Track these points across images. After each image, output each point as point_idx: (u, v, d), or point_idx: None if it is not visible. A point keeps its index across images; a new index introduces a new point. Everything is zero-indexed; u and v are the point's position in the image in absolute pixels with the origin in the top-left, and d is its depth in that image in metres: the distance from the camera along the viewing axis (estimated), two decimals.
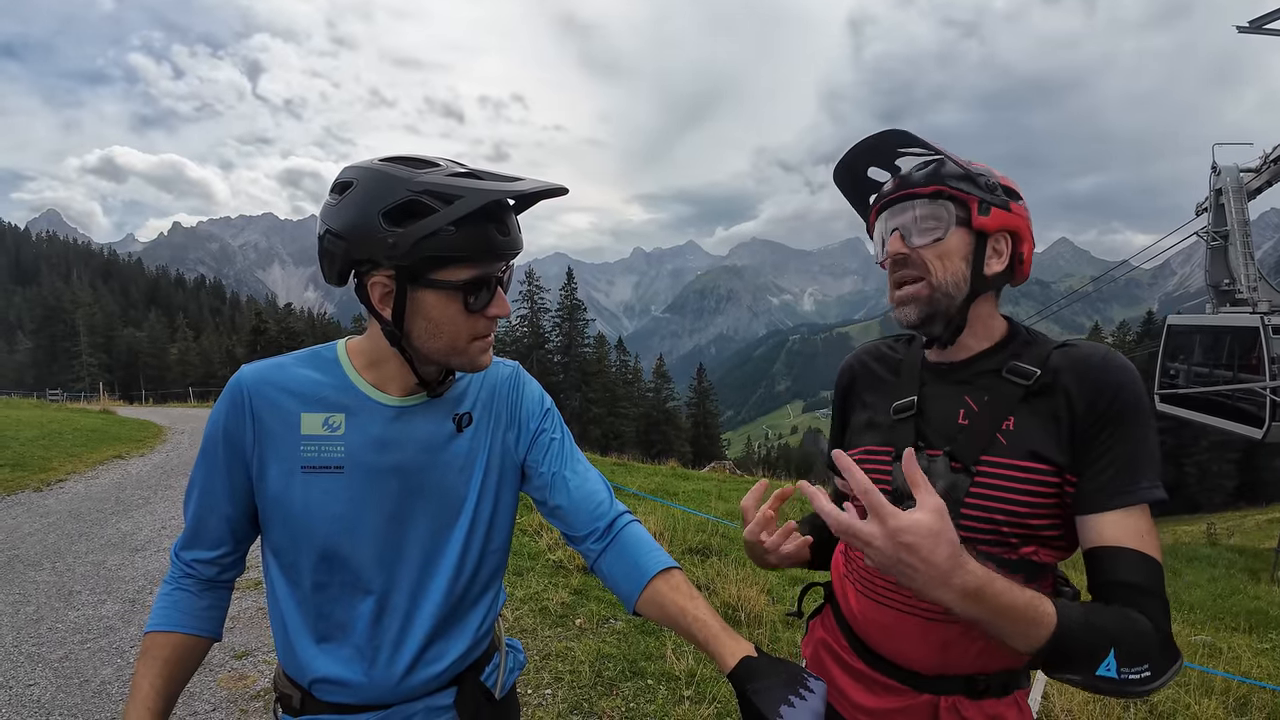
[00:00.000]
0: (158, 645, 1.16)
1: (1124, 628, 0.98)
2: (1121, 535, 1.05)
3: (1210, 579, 11.06)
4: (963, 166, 1.22)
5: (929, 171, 1.23)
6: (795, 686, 0.93)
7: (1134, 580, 1.02)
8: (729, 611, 4.71)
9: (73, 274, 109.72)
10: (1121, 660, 0.95)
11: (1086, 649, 0.96)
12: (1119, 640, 0.96)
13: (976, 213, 1.19)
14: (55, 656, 3.94)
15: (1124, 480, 1.07)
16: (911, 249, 1.23)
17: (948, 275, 1.21)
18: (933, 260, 1.21)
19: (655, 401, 63.23)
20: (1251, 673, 4.66)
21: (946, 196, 1.20)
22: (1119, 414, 1.11)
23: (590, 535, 1.24)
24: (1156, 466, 1.09)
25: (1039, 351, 1.22)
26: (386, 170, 1.04)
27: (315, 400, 1.14)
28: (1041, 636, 0.95)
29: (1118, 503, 1.06)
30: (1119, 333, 65.35)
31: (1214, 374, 14.30)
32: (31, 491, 8.17)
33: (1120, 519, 1.06)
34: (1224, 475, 45.54)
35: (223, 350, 71.97)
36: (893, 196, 1.26)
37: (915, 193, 1.22)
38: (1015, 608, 0.94)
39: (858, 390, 1.46)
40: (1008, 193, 1.22)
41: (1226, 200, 14.85)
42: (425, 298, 1.06)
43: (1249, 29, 15.70)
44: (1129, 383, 1.13)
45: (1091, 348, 1.19)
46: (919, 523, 0.89)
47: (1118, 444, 1.10)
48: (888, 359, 1.43)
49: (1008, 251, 1.23)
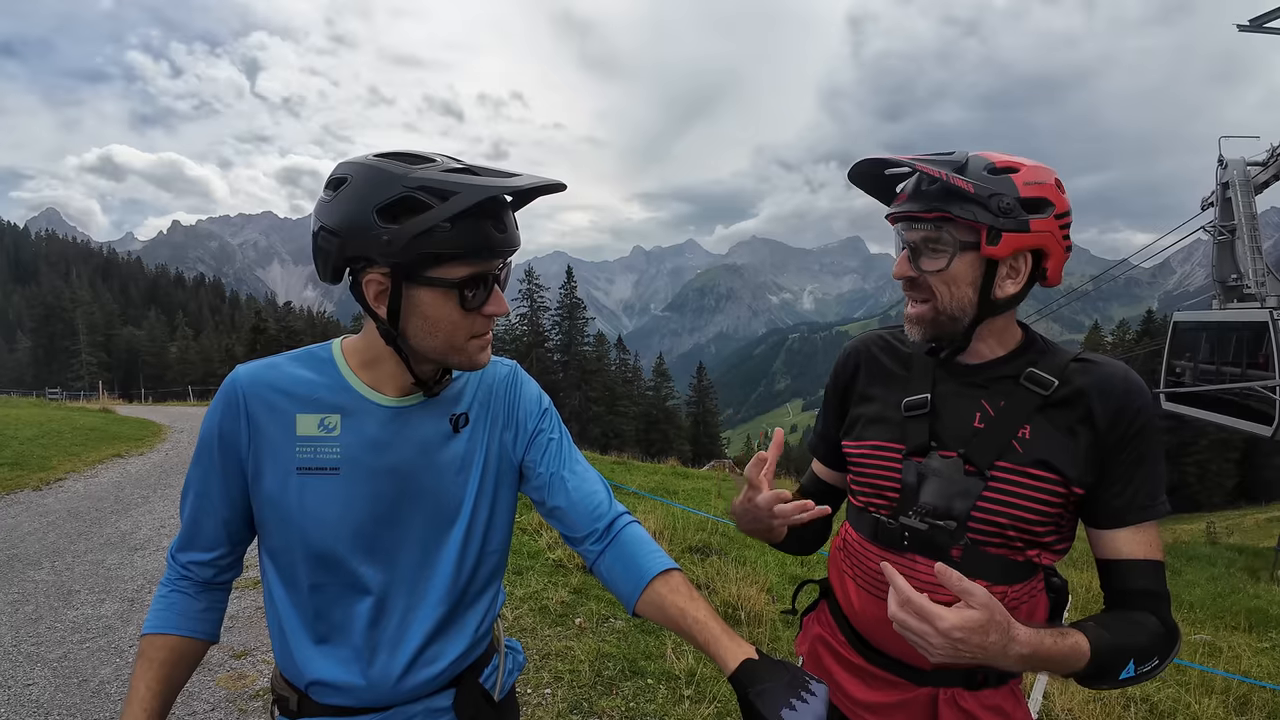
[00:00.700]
0: (154, 647, 1.15)
1: (1141, 640, 1.11)
2: (1138, 549, 1.16)
3: (1210, 578, 11.07)
4: (968, 186, 1.13)
5: (935, 191, 1.17)
6: (797, 689, 0.92)
7: (1149, 588, 1.15)
8: (729, 610, 4.71)
9: (72, 273, 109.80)
10: (1138, 663, 1.09)
11: (1114, 665, 1.08)
12: (1138, 651, 1.09)
13: (985, 242, 1.14)
14: (54, 656, 3.93)
15: (1142, 499, 1.15)
16: (918, 273, 1.21)
17: (953, 301, 1.20)
18: (938, 286, 1.19)
19: (655, 400, 63.27)
20: (1251, 672, 4.67)
21: (951, 222, 1.16)
22: (1139, 436, 1.15)
23: (589, 536, 1.23)
24: (1165, 483, 1.19)
25: (1056, 361, 1.22)
26: (381, 166, 1.02)
27: (310, 401, 1.13)
28: (1081, 666, 1.06)
29: (1135, 519, 1.15)
30: (1118, 331, 65.40)
31: (1221, 371, 14.04)
32: (31, 490, 8.15)
33: (1135, 533, 1.16)
34: (1223, 474, 45.63)
35: (222, 349, 71.98)
36: (900, 215, 1.23)
37: (918, 216, 1.18)
38: (1062, 656, 1.04)
39: (863, 381, 1.43)
40: (1031, 205, 1.15)
41: (1234, 194, 14.57)
42: (421, 295, 1.04)
43: (1249, 27, 15.63)
44: (1147, 406, 1.17)
45: (1112, 366, 1.19)
46: (968, 620, 0.96)
47: (1139, 465, 1.15)
48: (897, 351, 1.40)
49: (1026, 270, 1.19)
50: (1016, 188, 1.14)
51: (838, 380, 1.49)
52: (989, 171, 1.16)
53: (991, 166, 1.17)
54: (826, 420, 1.52)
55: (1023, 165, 1.18)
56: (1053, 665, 1.05)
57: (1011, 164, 1.17)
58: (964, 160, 1.17)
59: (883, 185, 1.33)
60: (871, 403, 1.38)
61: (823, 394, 1.56)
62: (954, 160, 1.18)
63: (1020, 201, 1.14)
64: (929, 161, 1.18)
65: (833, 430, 1.49)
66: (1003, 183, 1.14)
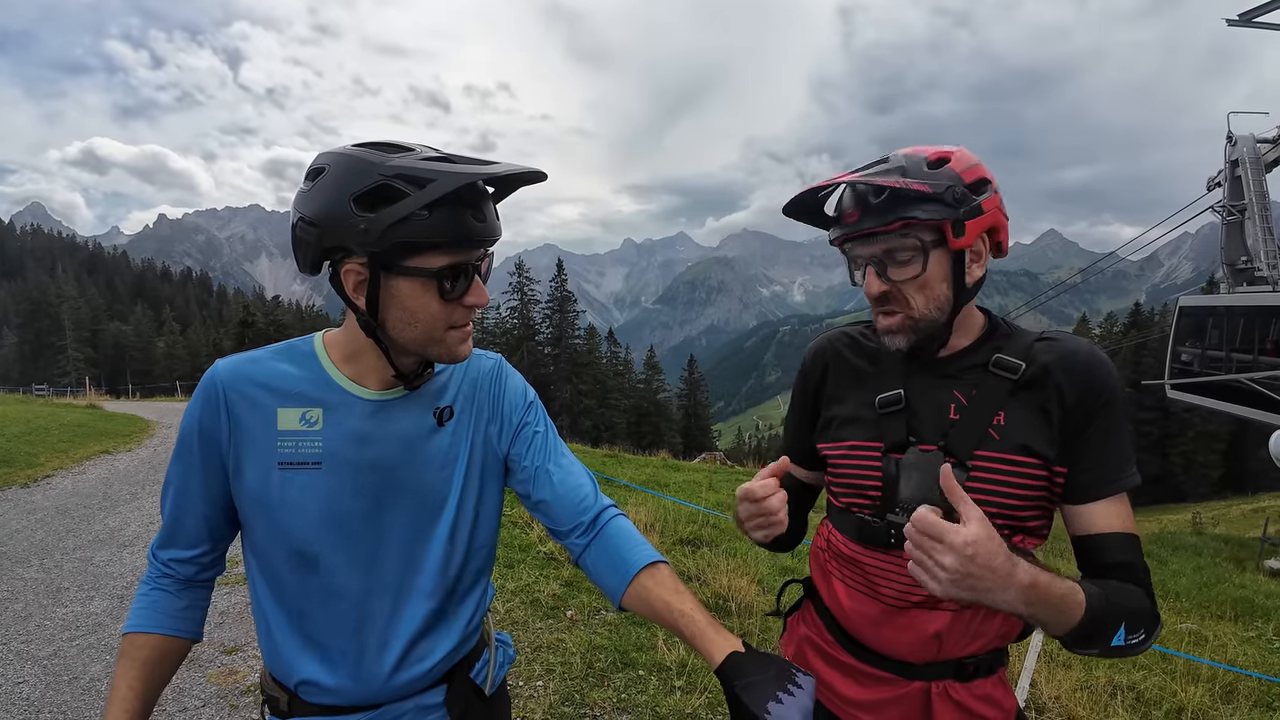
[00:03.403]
0: (135, 646, 1.14)
1: (1131, 603, 1.08)
2: (1112, 521, 1.14)
3: (1196, 568, 11.18)
4: (924, 187, 1.12)
5: (886, 201, 1.14)
6: (784, 682, 0.92)
7: (1127, 559, 1.13)
8: (720, 602, 4.72)
9: (58, 268, 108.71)
10: (1128, 630, 1.06)
11: (1107, 625, 1.04)
12: (1128, 614, 1.06)
13: (952, 235, 1.14)
14: (44, 654, 3.91)
15: (1113, 471, 1.15)
16: (890, 284, 1.19)
17: (931, 305, 1.19)
18: (914, 295, 1.18)
19: (646, 393, 63.32)
20: (1237, 661, 4.72)
21: (913, 226, 1.14)
22: (1106, 408, 1.16)
23: (575, 529, 1.22)
24: (1133, 453, 1.18)
25: (1022, 344, 1.22)
26: (358, 155, 1.01)
27: (292, 395, 1.12)
28: (1076, 618, 1.01)
29: (1107, 491, 1.15)
30: (1106, 324, 65.91)
31: (1230, 358, 13.56)
32: (18, 488, 8.10)
33: (1108, 506, 1.15)
34: (1210, 465, 46.03)
35: (210, 344, 71.59)
36: (857, 233, 1.19)
37: (878, 231, 1.16)
38: (1059, 596, 0.99)
39: (832, 381, 1.41)
40: (976, 188, 1.16)
41: (1244, 171, 14.12)
42: (399, 285, 1.03)
43: (1239, 22, 15.59)
44: (1112, 377, 1.18)
45: (1075, 342, 1.21)
46: (978, 534, 0.92)
47: (1107, 438, 1.15)
48: (863, 348, 1.39)
49: (987, 250, 1.21)
50: (959, 175, 1.15)
51: (806, 382, 1.47)
52: (929, 167, 1.15)
53: (928, 161, 1.16)
54: (798, 423, 1.50)
55: (950, 152, 1.18)
56: (1050, 606, 0.99)
57: (942, 154, 1.17)
58: (901, 163, 1.16)
59: (819, 212, 1.31)
60: (844, 403, 1.37)
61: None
62: (892, 167, 1.17)
63: (968, 187, 1.15)
64: (874, 174, 1.17)
65: (805, 432, 1.47)
66: (946, 174, 1.15)
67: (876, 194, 1.14)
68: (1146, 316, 57.06)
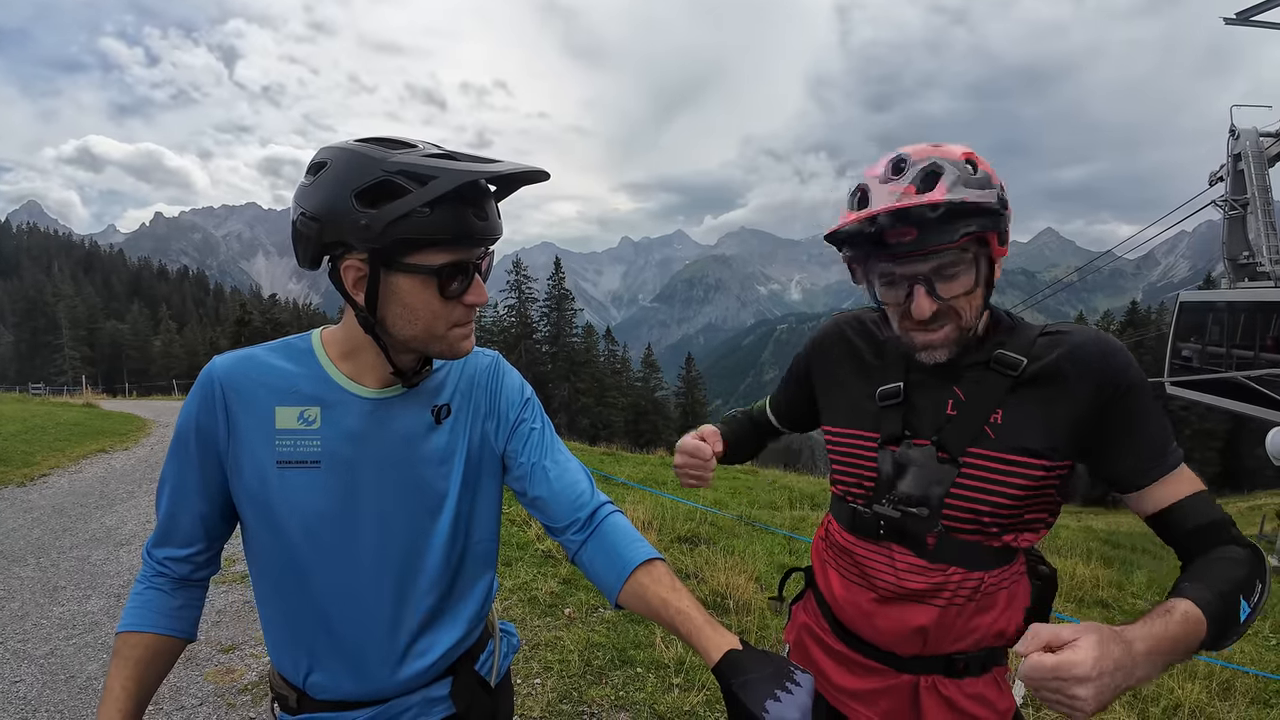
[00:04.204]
0: (129, 645, 1.13)
1: (1238, 573, 1.03)
2: (1177, 491, 1.11)
3: None
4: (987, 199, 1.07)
5: (945, 215, 1.05)
6: (781, 680, 0.91)
7: (1209, 518, 1.09)
8: (717, 599, 4.72)
9: (54, 266, 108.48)
10: (1247, 596, 1.01)
11: (1230, 614, 0.99)
12: (1242, 584, 1.02)
13: (997, 244, 1.13)
14: (41, 653, 3.90)
15: (1157, 453, 1.11)
16: (943, 303, 1.14)
17: (974, 313, 1.18)
18: (964, 307, 1.15)
19: (644, 391, 63.31)
20: (1234, 657, 4.72)
21: (972, 241, 1.11)
22: (1127, 395, 1.12)
23: (571, 526, 1.22)
24: (1171, 432, 1.14)
25: (1024, 339, 1.20)
26: (360, 150, 1.01)
27: (290, 393, 1.11)
28: (1204, 633, 0.95)
29: (1155, 475, 1.11)
30: (1103, 322, 66.03)
31: (1231, 354, 13.35)
32: (15, 487, 8.07)
33: (1167, 482, 1.11)
34: (1206, 462, 46.06)
35: (207, 342, 71.41)
36: (914, 252, 1.10)
37: (943, 248, 1.09)
38: (1180, 632, 0.93)
39: (835, 365, 1.42)
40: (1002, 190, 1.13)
41: (1246, 166, 13.94)
42: (399, 282, 1.02)
43: (1236, 21, 15.57)
44: (1129, 364, 1.14)
45: (1083, 334, 1.17)
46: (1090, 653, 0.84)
47: (1139, 423, 1.12)
48: (871, 337, 1.38)
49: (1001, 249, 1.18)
50: (993, 178, 1.12)
51: (809, 359, 1.49)
52: (974, 172, 1.10)
53: (972, 164, 1.11)
54: (790, 390, 1.58)
55: (975, 154, 1.14)
56: (1179, 645, 0.93)
57: (972, 156, 1.13)
58: (941, 166, 1.09)
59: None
60: (845, 389, 1.38)
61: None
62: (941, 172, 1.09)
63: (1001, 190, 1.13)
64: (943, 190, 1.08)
65: (795, 399, 1.57)
66: (988, 179, 1.11)
67: (933, 208, 1.05)
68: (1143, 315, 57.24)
